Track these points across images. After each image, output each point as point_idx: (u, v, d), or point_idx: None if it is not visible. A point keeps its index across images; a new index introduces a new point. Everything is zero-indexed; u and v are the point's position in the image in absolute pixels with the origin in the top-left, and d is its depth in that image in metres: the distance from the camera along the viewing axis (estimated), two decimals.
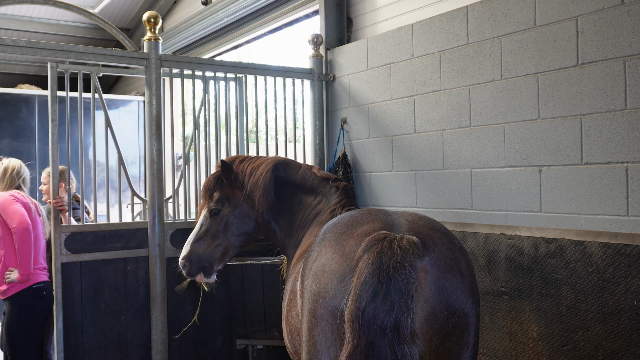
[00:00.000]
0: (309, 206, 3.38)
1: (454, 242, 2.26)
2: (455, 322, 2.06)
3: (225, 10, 6.59)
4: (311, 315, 2.19)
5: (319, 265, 2.23)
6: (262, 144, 4.96)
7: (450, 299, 2.06)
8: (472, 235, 3.71)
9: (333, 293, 2.11)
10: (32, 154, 7.82)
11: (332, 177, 3.43)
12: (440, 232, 2.26)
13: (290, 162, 3.56)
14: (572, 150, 3.23)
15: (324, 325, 2.13)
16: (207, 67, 4.59)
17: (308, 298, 2.24)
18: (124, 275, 4.11)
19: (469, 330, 2.11)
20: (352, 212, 2.47)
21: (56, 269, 3.88)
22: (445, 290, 2.05)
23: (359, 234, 2.20)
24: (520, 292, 3.41)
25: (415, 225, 2.25)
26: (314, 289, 2.20)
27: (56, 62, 3.96)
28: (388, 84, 4.42)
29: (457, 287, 2.08)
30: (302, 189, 3.43)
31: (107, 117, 4.26)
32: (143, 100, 6.80)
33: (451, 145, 3.93)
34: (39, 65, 10.44)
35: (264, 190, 3.34)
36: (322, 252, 2.27)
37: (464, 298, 2.09)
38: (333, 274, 2.14)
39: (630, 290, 2.90)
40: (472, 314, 2.12)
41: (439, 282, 2.05)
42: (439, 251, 2.13)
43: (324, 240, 2.32)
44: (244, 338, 4.47)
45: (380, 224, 2.24)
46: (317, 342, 2.16)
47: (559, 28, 3.27)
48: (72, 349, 3.93)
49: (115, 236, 4.09)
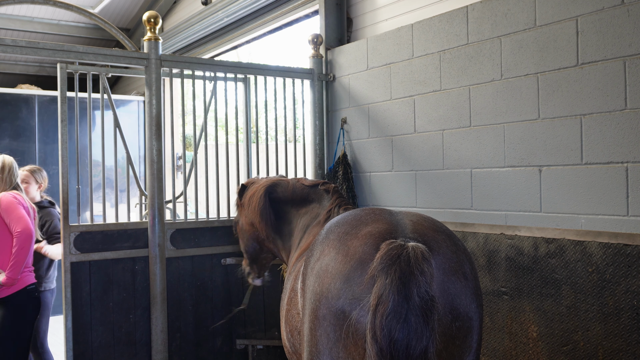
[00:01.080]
0: (305, 214, 3.47)
1: (458, 244, 2.25)
2: (459, 326, 2.05)
3: (225, 10, 6.59)
4: (313, 315, 2.19)
5: (322, 264, 2.22)
6: (262, 144, 4.96)
7: (454, 302, 2.04)
8: (472, 235, 3.71)
9: (336, 293, 2.10)
10: (32, 154, 7.81)
11: (319, 182, 3.52)
12: (444, 234, 2.25)
13: (280, 181, 3.67)
14: (572, 150, 3.23)
15: (326, 326, 2.12)
16: (207, 67, 4.60)
17: (310, 298, 2.23)
18: (133, 274, 4.14)
19: (472, 334, 2.10)
20: (356, 211, 2.46)
21: (65, 268, 3.90)
22: (449, 294, 2.04)
23: (363, 235, 2.19)
24: (520, 292, 3.41)
25: (419, 227, 2.23)
26: (317, 288, 2.19)
27: (65, 63, 4.01)
28: (388, 84, 4.43)
29: (461, 291, 2.07)
30: (295, 202, 3.55)
31: (115, 118, 4.32)
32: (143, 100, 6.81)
33: (451, 145, 3.93)
34: (39, 65, 10.45)
35: (262, 217, 3.53)
36: (325, 251, 2.26)
37: (468, 301, 2.08)
38: (337, 274, 2.13)
39: (630, 290, 2.90)
40: (475, 318, 2.10)
41: (444, 286, 2.04)
42: (444, 254, 2.12)
43: (327, 240, 2.30)
44: (244, 338, 4.48)
45: (385, 225, 2.22)
46: (319, 343, 2.16)
47: (559, 28, 3.28)
48: (81, 347, 3.96)
49: (124, 235, 4.12)
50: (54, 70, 9.23)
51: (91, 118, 4.13)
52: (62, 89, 3.99)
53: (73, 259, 3.94)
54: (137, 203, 4.70)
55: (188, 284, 4.24)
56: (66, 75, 4.02)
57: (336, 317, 2.09)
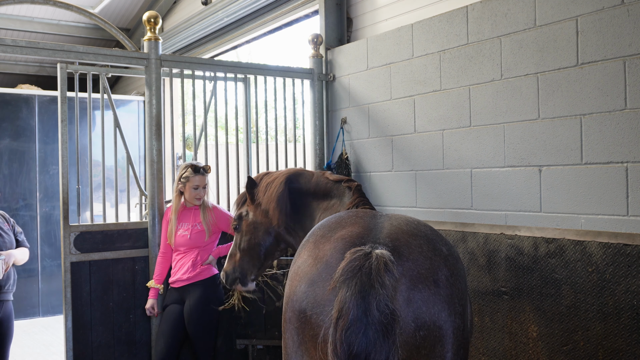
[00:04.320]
0: (326, 209, 3.42)
1: (437, 249, 2.17)
2: (424, 335, 1.99)
3: (225, 10, 6.59)
4: (283, 318, 2.19)
5: (296, 267, 2.23)
6: (262, 144, 4.96)
7: (419, 311, 1.99)
8: (472, 235, 3.71)
9: (300, 296, 2.09)
10: (32, 154, 7.81)
11: (344, 178, 3.45)
12: (423, 239, 2.18)
13: (303, 172, 3.61)
14: (572, 150, 3.23)
15: (291, 329, 2.12)
16: (207, 67, 4.60)
17: (284, 300, 2.24)
18: (133, 274, 4.15)
19: (442, 344, 2.03)
20: (341, 214, 2.44)
21: (65, 268, 3.91)
22: (413, 302, 1.99)
23: (335, 238, 2.17)
24: (520, 292, 3.41)
25: (395, 231, 2.18)
26: (287, 291, 2.20)
27: (65, 63, 4.01)
28: (388, 84, 4.43)
29: (429, 299, 2.01)
30: (317, 195, 3.48)
31: (115, 118, 4.33)
32: (143, 100, 6.80)
33: (451, 145, 3.93)
34: (39, 65, 10.44)
35: (277, 203, 3.43)
36: (301, 254, 2.26)
37: (436, 310, 2.01)
38: (303, 277, 2.12)
39: (630, 290, 2.90)
40: (447, 327, 2.03)
41: (408, 294, 1.99)
42: (414, 260, 2.06)
43: (307, 243, 2.30)
44: (244, 338, 4.48)
45: (359, 229, 2.19)
46: (287, 346, 2.16)
47: (559, 28, 3.28)
48: (81, 347, 3.96)
49: (124, 235, 4.13)
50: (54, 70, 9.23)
51: (91, 118, 4.13)
52: (62, 89, 4.00)
53: (73, 259, 3.95)
54: (137, 203, 4.70)
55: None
56: (66, 75, 4.03)
57: (299, 320, 2.08)
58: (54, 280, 7.78)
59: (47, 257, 7.83)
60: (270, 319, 4.46)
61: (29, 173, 7.76)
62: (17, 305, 7.42)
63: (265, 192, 3.54)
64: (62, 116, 3.99)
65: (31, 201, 7.77)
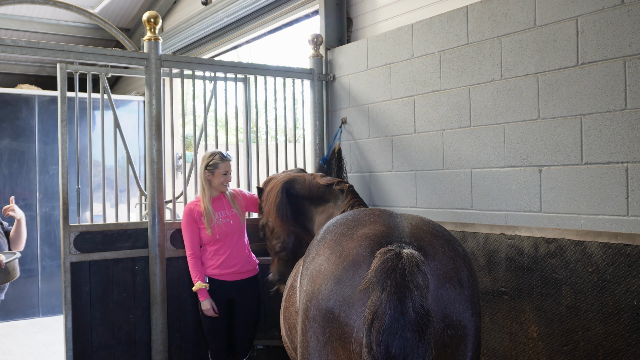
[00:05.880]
0: (322, 212, 3.49)
1: (456, 250, 2.21)
2: (451, 334, 2.01)
3: (225, 10, 6.59)
4: (304, 316, 2.17)
5: (316, 265, 2.21)
6: (262, 144, 4.96)
7: (447, 310, 2.01)
8: (472, 235, 3.71)
9: (326, 294, 2.08)
10: (32, 154, 7.81)
11: (334, 181, 3.52)
12: (443, 239, 2.21)
13: (297, 177, 3.67)
14: (572, 150, 3.23)
15: (315, 328, 2.10)
16: (207, 67, 4.60)
17: (303, 298, 2.22)
18: (133, 274, 4.15)
19: (465, 343, 2.05)
20: (355, 212, 2.45)
21: (65, 268, 3.91)
22: (442, 301, 2.01)
23: (359, 236, 2.16)
24: (520, 292, 3.41)
25: (417, 231, 2.20)
26: (309, 289, 2.18)
27: (65, 63, 4.02)
28: (388, 84, 4.43)
29: (455, 298, 2.04)
30: (311, 199, 3.57)
31: (115, 118, 4.33)
32: (143, 100, 6.80)
33: (451, 145, 3.93)
34: (39, 65, 10.44)
35: (278, 212, 3.54)
36: (320, 251, 2.25)
37: (461, 309, 2.04)
38: (329, 275, 2.11)
39: (630, 290, 2.90)
40: (470, 326, 2.06)
41: (437, 293, 2.01)
42: (440, 260, 2.09)
43: (324, 240, 2.29)
44: None
45: (382, 227, 2.20)
46: (309, 345, 2.14)
47: (559, 28, 3.27)
48: (81, 347, 3.96)
49: (124, 236, 4.13)
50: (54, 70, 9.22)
51: (91, 118, 4.13)
52: (62, 89, 4.00)
53: (73, 259, 3.94)
54: (137, 203, 4.70)
55: (188, 284, 4.23)
56: (66, 75, 4.04)
57: (325, 319, 2.06)
58: (53, 280, 7.77)
59: (47, 257, 7.83)
60: (270, 319, 4.46)
61: (28, 173, 7.76)
62: (17, 305, 7.46)
63: (266, 202, 3.65)
64: (62, 116, 3.99)
65: (31, 201, 7.77)
